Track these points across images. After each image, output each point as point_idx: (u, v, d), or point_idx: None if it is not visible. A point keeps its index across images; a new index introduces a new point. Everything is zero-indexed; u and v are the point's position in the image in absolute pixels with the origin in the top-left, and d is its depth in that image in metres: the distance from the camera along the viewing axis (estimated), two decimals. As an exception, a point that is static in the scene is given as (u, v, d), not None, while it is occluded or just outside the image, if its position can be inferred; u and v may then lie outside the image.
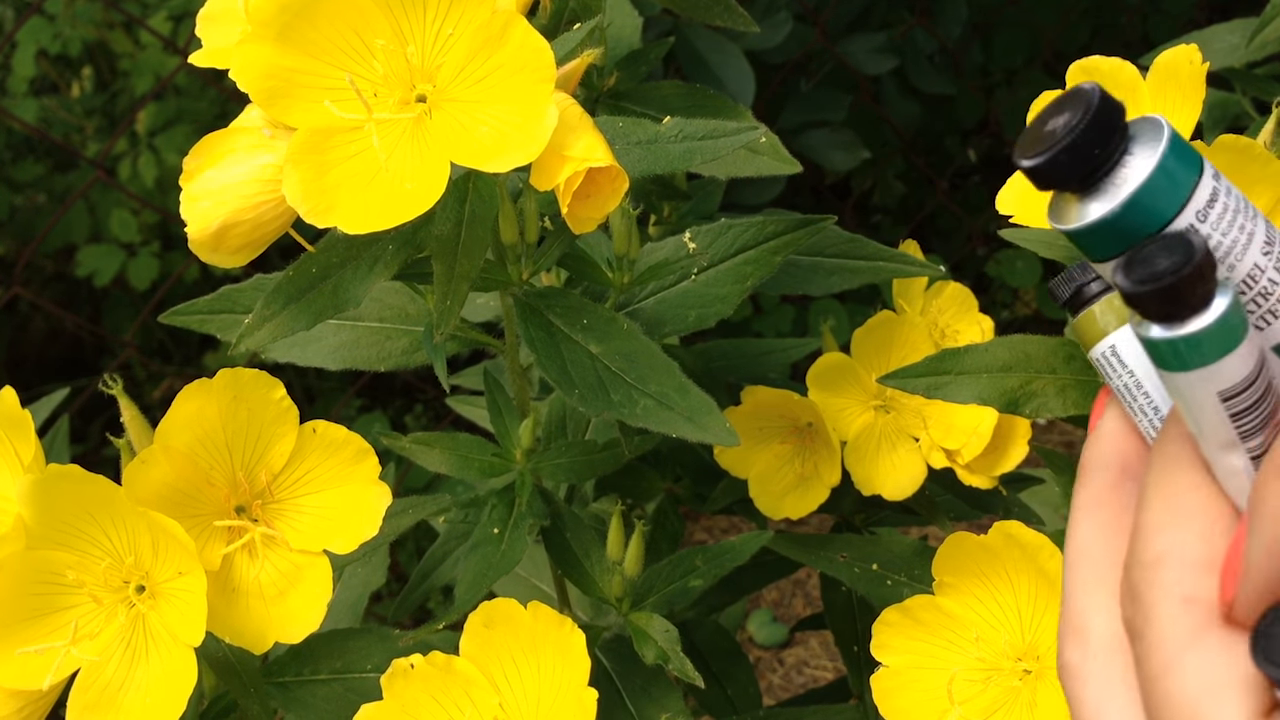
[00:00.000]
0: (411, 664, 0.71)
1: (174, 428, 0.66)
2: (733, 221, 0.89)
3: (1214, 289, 0.34)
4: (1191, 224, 0.35)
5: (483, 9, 0.60)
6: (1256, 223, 0.36)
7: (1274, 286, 0.36)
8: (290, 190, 0.61)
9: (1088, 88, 0.36)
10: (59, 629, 0.64)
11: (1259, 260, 0.36)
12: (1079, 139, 0.35)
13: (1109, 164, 0.36)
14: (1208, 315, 0.34)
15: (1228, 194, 0.36)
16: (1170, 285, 0.34)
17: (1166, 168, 0.35)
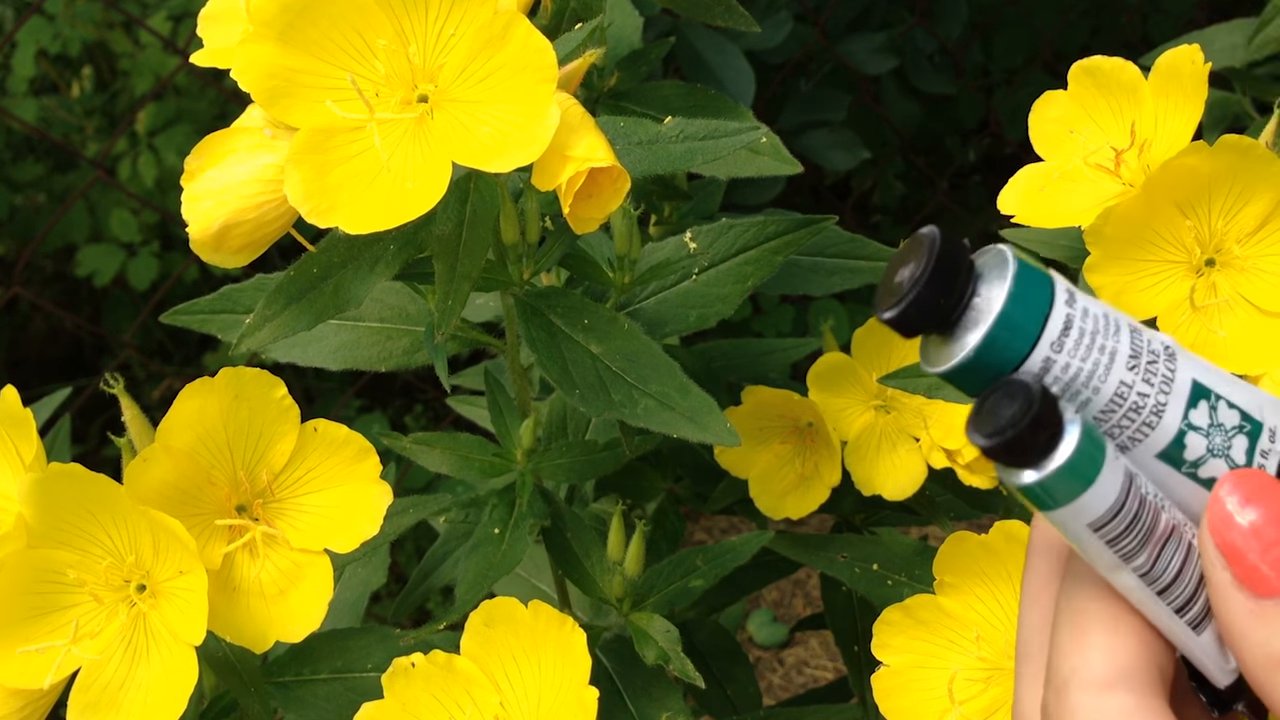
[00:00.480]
0: (412, 663, 0.71)
1: (175, 426, 0.66)
2: (734, 221, 0.89)
3: (1059, 432, 0.35)
4: (1047, 357, 0.35)
5: (484, 9, 0.60)
6: (1119, 338, 0.36)
7: (1144, 399, 0.36)
8: (292, 190, 0.61)
9: (927, 235, 0.36)
10: (60, 628, 0.64)
11: (1124, 377, 0.36)
12: (923, 293, 0.35)
13: (959, 308, 0.36)
14: (1055, 459, 0.35)
15: (1084, 317, 0.36)
16: (1012, 439, 0.34)
17: (1014, 308, 0.35)
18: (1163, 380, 0.36)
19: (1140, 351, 0.36)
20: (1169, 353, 0.37)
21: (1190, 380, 0.37)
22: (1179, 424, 0.36)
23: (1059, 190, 0.76)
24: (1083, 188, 0.75)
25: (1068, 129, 0.77)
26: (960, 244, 0.36)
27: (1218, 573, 0.36)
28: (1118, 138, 0.75)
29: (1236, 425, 0.37)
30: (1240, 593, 0.35)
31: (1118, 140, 0.75)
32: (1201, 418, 0.37)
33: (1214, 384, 0.37)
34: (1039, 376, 0.35)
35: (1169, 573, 0.36)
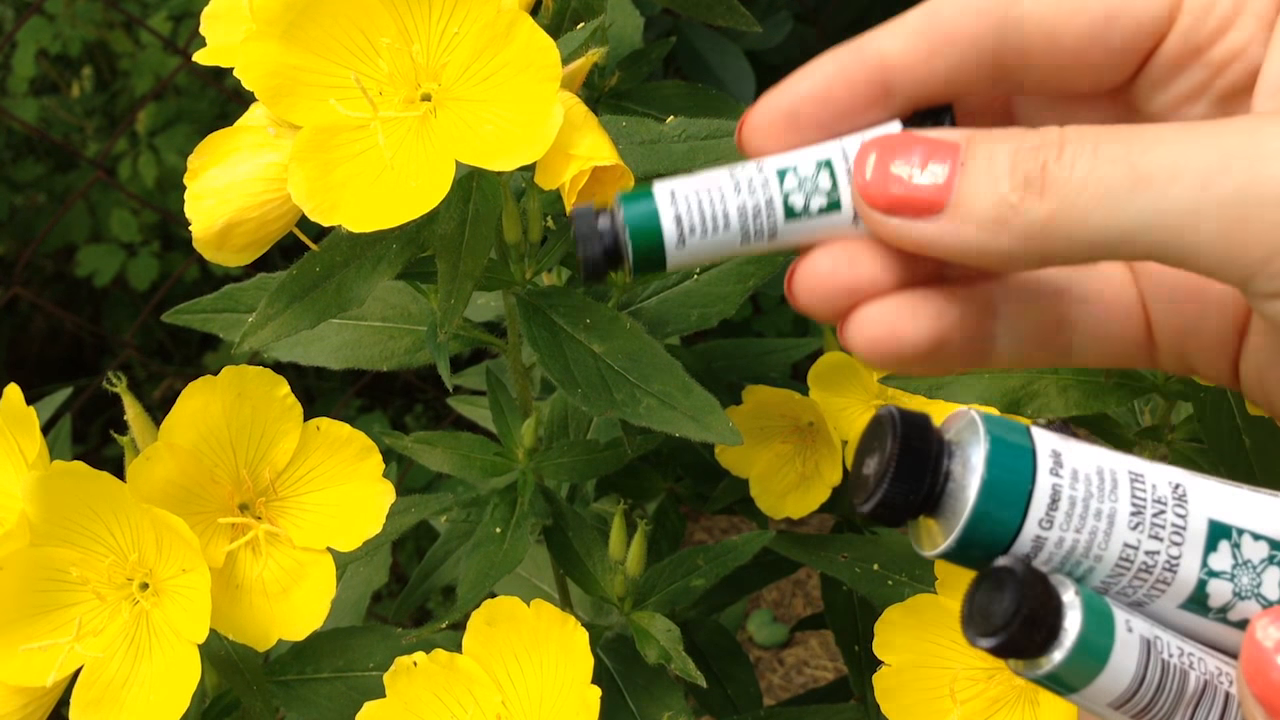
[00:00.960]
0: (414, 662, 0.71)
1: (178, 425, 0.66)
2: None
3: (1057, 623, 0.32)
4: (1037, 536, 0.33)
5: (488, 7, 0.60)
6: (1117, 497, 0.33)
7: (1154, 558, 0.33)
8: (295, 188, 0.61)
9: (887, 421, 0.34)
10: (63, 626, 0.65)
11: (1127, 539, 0.33)
12: (890, 489, 0.33)
13: (932, 498, 0.34)
14: (1058, 651, 0.32)
15: (1074, 483, 0.33)
16: (1007, 640, 0.32)
17: (991, 492, 0.33)
18: (1173, 531, 0.34)
19: (1144, 505, 0.33)
20: (1178, 495, 0.34)
21: (1206, 521, 0.34)
22: (1197, 575, 0.34)
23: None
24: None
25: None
26: (924, 427, 0.34)
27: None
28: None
29: (1266, 557, 0.34)
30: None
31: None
32: (1223, 561, 0.34)
33: (1235, 518, 0.34)
34: (1030, 556, 0.33)
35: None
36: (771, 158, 0.37)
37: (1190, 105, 0.39)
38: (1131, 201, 0.33)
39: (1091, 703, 0.33)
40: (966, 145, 0.35)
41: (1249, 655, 0.33)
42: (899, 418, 0.34)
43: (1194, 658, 0.34)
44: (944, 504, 0.33)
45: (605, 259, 0.37)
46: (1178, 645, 0.34)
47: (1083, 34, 0.38)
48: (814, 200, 0.37)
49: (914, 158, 0.36)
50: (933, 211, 0.35)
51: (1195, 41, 0.38)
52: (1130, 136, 0.34)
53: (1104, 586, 0.34)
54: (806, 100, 0.38)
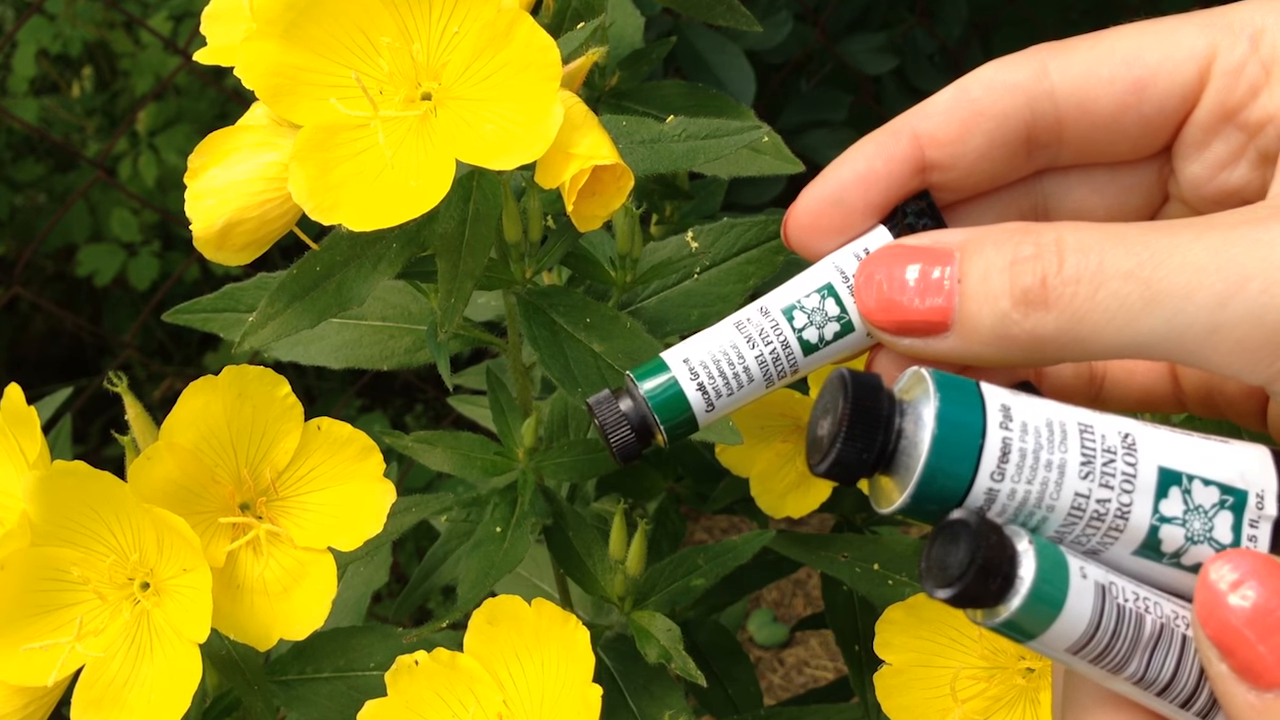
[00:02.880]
0: (416, 660, 0.71)
1: (179, 424, 0.66)
2: (735, 221, 0.89)
3: (1012, 572, 0.33)
4: (989, 488, 0.34)
5: (488, 7, 0.60)
6: (1067, 447, 0.34)
7: (1105, 506, 0.34)
8: (295, 187, 0.61)
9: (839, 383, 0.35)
10: (64, 625, 0.64)
11: (1078, 488, 0.34)
12: (843, 450, 0.34)
13: (885, 457, 0.34)
14: (1013, 600, 0.33)
15: (1024, 435, 0.34)
16: (963, 591, 0.33)
17: (942, 448, 0.33)
18: (1123, 479, 0.34)
19: (1094, 454, 0.34)
20: (1128, 444, 0.34)
21: (1156, 469, 0.34)
22: (1149, 521, 0.34)
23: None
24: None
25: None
26: (875, 387, 0.34)
27: (1215, 665, 0.33)
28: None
29: (1217, 502, 0.35)
30: (1240, 685, 0.33)
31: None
32: (1174, 506, 0.34)
33: (1185, 464, 0.35)
34: (983, 509, 0.34)
35: (1164, 674, 0.34)
36: (771, 297, 0.39)
37: (1230, 168, 0.39)
38: (1145, 319, 0.33)
39: (1049, 649, 0.34)
40: (960, 259, 0.36)
41: (1202, 598, 0.33)
42: (850, 379, 0.34)
43: (1150, 602, 0.34)
44: (898, 461, 0.34)
45: (638, 442, 0.38)
46: (1133, 590, 0.34)
47: (1115, 104, 0.38)
48: (827, 329, 0.38)
49: (911, 281, 0.36)
50: (939, 332, 0.36)
51: (1228, 106, 0.38)
52: (1138, 245, 0.33)
53: (1058, 536, 0.34)
54: (850, 185, 0.39)
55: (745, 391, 0.39)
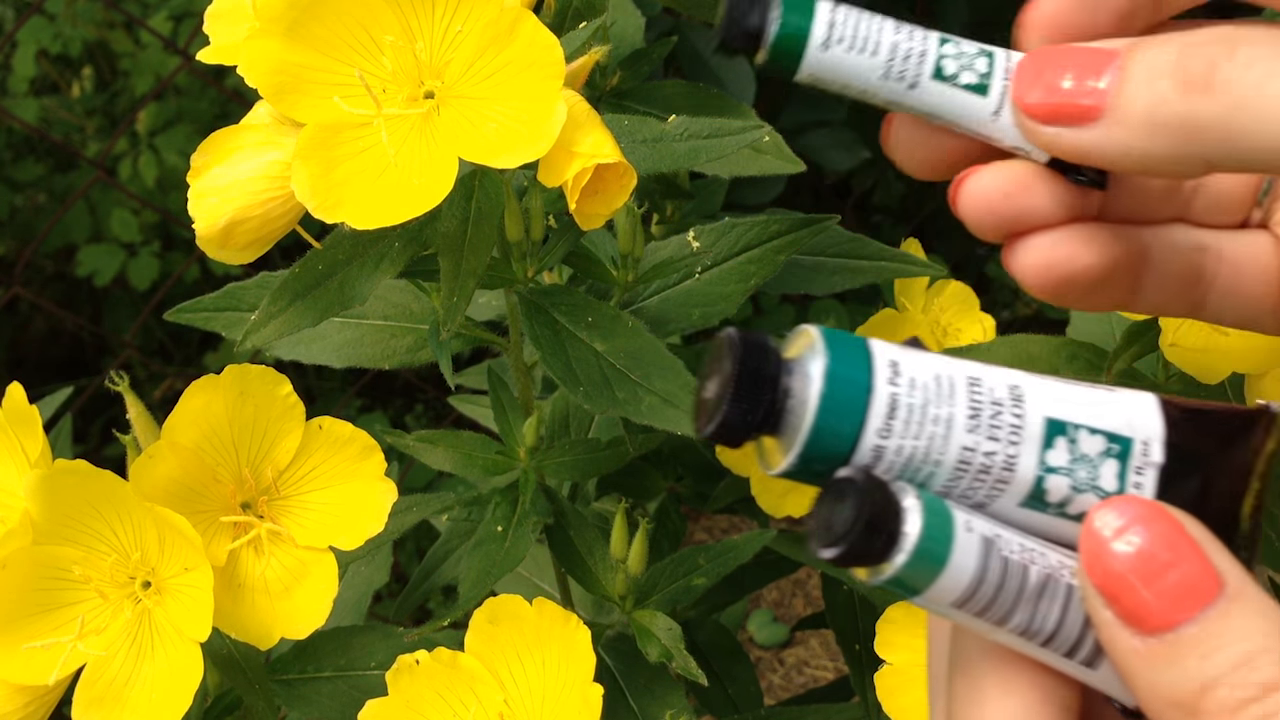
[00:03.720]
0: (417, 660, 0.71)
1: (180, 423, 0.66)
2: (736, 220, 0.89)
3: (897, 528, 0.33)
4: (876, 445, 0.33)
5: (491, 6, 0.60)
6: (954, 401, 0.34)
7: (992, 458, 0.34)
8: (299, 185, 0.61)
9: (726, 343, 0.34)
10: (65, 624, 0.64)
11: (965, 442, 0.34)
12: (729, 411, 0.33)
13: (771, 417, 0.34)
14: (898, 556, 0.33)
15: (911, 390, 0.34)
16: (849, 549, 0.32)
17: (829, 406, 0.33)
18: (1010, 430, 0.34)
19: (981, 407, 0.34)
20: (1015, 395, 0.34)
21: (1042, 420, 0.34)
22: (1035, 472, 0.34)
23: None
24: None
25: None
26: (762, 346, 0.34)
27: (1100, 612, 0.33)
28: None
29: (1102, 451, 0.34)
30: (1125, 631, 0.33)
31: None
32: (1060, 456, 0.34)
33: (1072, 414, 0.35)
34: (870, 466, 0.34)
35: (1049, 625, 0.34)
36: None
37: None
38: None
39: (935, 604, 0.34)
40: (1127, 50, 0.35)
41: (1087, 545, 0.33)
42: (738, 338, 0.34)
43: (1035, 553, 0.34)
44: (785, 421, 0.34)
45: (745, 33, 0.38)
46: (1019, 542, 0.34)
47: None
48: (964, 74, 0.39)
49: (1073, 66, 0.36)
50: (1091, 119, 0.35)
51: None
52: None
53: (945, 490, 0.34)
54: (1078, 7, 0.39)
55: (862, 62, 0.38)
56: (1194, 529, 0.33)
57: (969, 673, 0.36)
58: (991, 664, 0.36)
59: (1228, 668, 0.32)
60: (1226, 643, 0.32)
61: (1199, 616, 0.32)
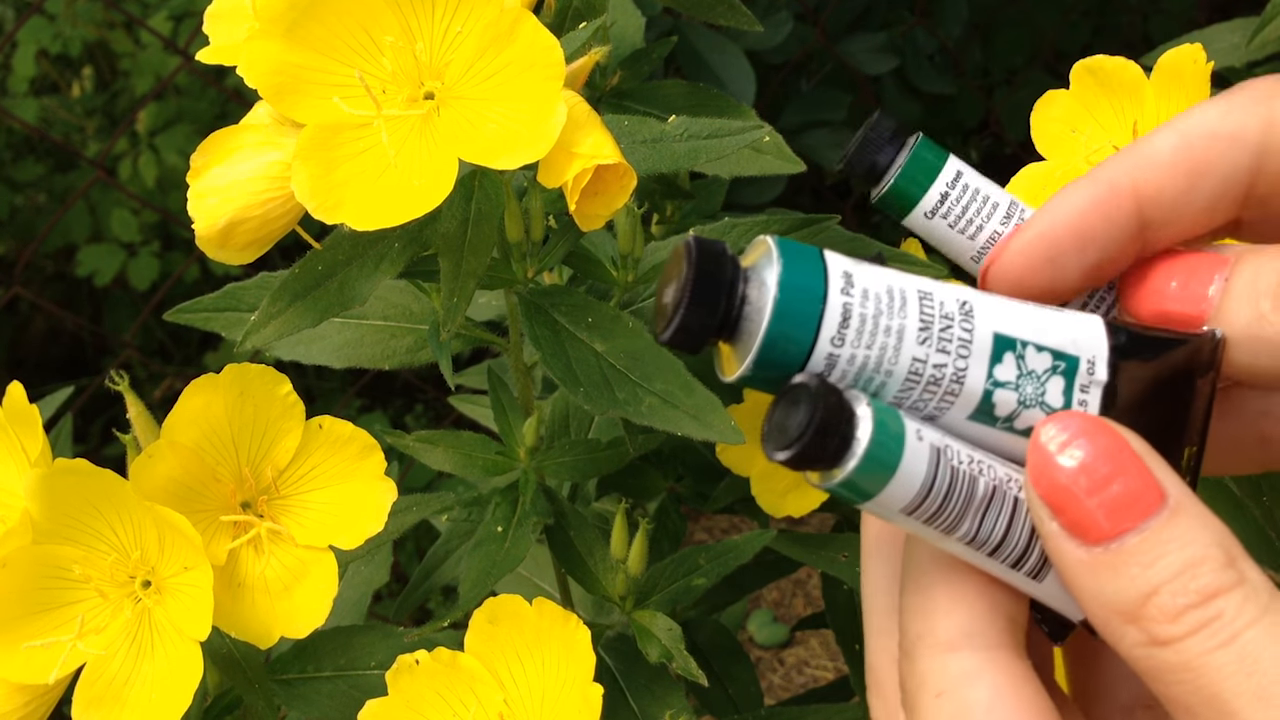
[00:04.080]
0: (417, 660, 0.71)
1: (180, 423, 0.66)
2: (736, 220, 0.89)
3: (850, 433, 0.33)
4: (830, 353, 0.34)
5: (491, 6, 0.60)
6: (906, 313, 0.34)
7: (941, 370, 0.35)
8: (298, 186, 0.61)
9: (684, 248, 0.34)
10: (65, 623, 0.65)
11: (916, 353, 0.34)
12: (687, 315, 0.34)
13: (728, 323, 0.34)
14: (850, 460, 0.33)
15: (864, 300, 0.34)
16: (801, 451, 0.33)
17: (783, 312, 0.34)
18: (959, 344, 0.35)
19: (931, 320, 0.34)
20: (965, 310, 0.35)
21: (991, 334, 0.35)
22: (983, 385, 0.35)
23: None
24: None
25: (1070, 128, 0.78)
26: (719, 254, 0.34)
27: (1046, 524, 0.34)
28: (1120, 136, 0.75)
29: (1049, 368, 0.36)
30: (1070, 542, 0.34)
31: (1120, 139, 0.75)
32: (1008, 371, 0.35)
33: (1020, 330, 0.35)
34: (824, 374, 0.34)
35: (995, 535, 0.35)
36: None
37: None
38: None
39: (884, 509, 0.34)
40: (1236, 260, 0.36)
41: (1033, 459, 0.34)
42: (695, 245, 0.34)
43: (983, 465, 0.35)
44: (741, 328, 0.34)
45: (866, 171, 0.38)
46: (967, 453, 0.35)
47: None
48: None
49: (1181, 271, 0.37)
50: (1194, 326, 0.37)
51: None
52: None
53: (897, 401, 0.35)
54: (1065, 242, 0.38)
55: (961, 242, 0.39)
56: (1137, 444, 0.34)
57: (919, 584, 0.37)
58: (942, 574, 0.36)
59: (1169, 575, 0.33)
60: (1168, 551, 0.33)
61: (1141, 527, 0.33)
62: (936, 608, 0.36)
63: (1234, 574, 0.33)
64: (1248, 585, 0.33)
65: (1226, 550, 0.33)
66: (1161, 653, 0.33)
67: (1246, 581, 0.33)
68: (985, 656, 0.35)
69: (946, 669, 0.36)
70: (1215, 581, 0.33)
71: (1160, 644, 0.33)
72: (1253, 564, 0.33)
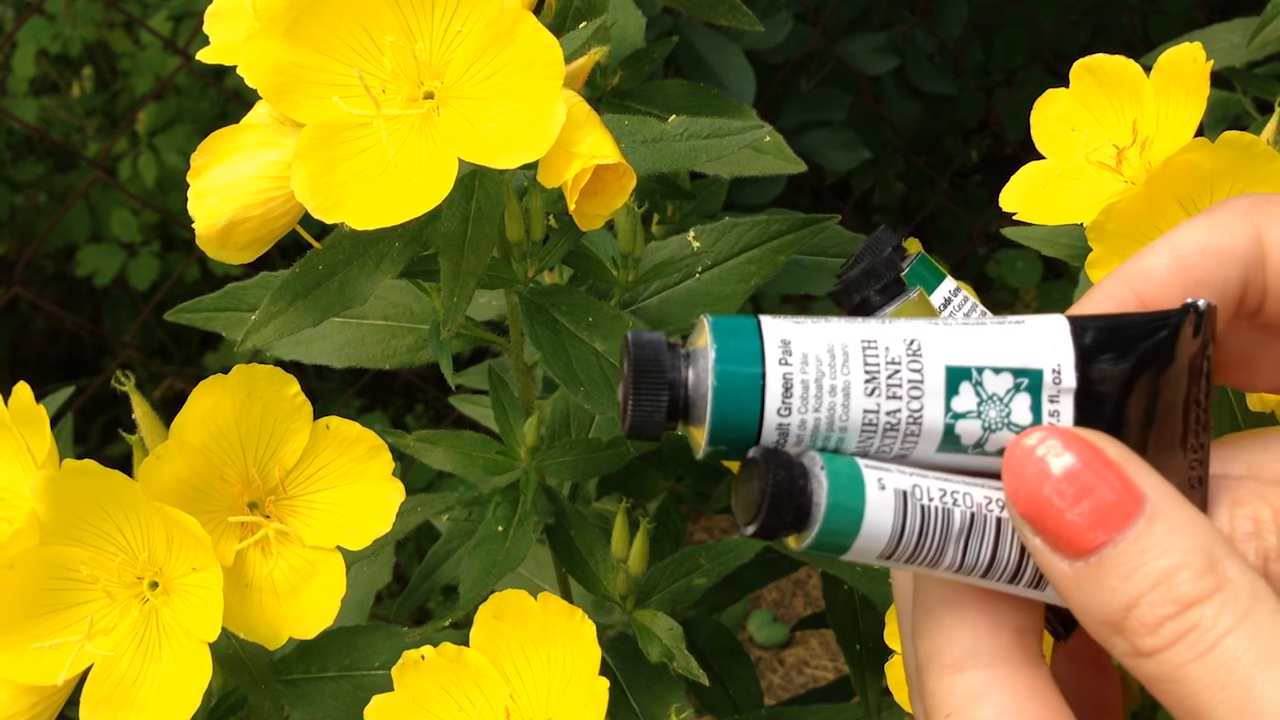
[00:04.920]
0: (422, 655, 0.71)
1: (188, 423, 0.66)
2: (736, 220, 0.89)
3: (806, 499, 0.34)
4: (779, 424, 0.34)
5: (491, 6, 0.61)
6: (849, 368, 0.34)
7: (896, 416, 0.35)
8: (299, 185, 0.61)
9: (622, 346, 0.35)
10: (73, 624, 0.64)
11: (866, 405, 0.34)
12: (635, 412, 0.35)
13: (679, 407, 0.35)
14: (812, 524, 0.34)
15: (804, 366, 0.34)
16: (764, 524, 0.34)
17: (725, 395, 0.34)
18: (910, 386, 0.35)
19: (876, 370, 0.34)
20: (913, 350, 0.35)
21: (943, 369, 0.35)
22: (943, 420, 0.35)
23: (1061, 187, 0.76)
24: (1084, 185, 0.76)
25: (1070, 127, 0.78)
26: (655, 345, 0.35)
27: (1031, 541, 0.34)
28: (1120, 135, 0.75)
29: (1011, 387, 0.35)
30: (1055, 556, 0.34)
31: (1120, 138, 0.75)
32: (967, 401, 0.35)
33: (973, 358, 0.35)
34: (779, 443, 0.35)
35: (983, 559, 0.35)
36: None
37: None
38: None
39: (862, 559, 0.35)
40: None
41: (1008, 479, 0.35)
42: (631, 341, 0.35)
43: (958, 495, 0.35)
44: (694, 411, 0.35)
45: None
46: (939, 487, 0.35)
47: None
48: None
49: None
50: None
51: None
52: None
53: (861, 450, 0.35)
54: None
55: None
56: (1112, 449, 0.34)
57: (924, 607, 0.37)
58: (944, 596, 0.37)
59: (1147, 586, 0.33)
60: (1145, 561, 0.33)
61: (1118, 538, 0.33)
62: (940, 629, 0.36)
63: (1212, 580, 0.32)
64: (1227, 590, 0.32)
65: (1207, 554, 0.33)
66: (1146, 664, 0.33)
67: (1226, 586, 0.32)
68: (990, 674, 0.36)
69: (953, 690, 0.36)
70: (1192, 590, 0.32)
71: (1144, 655, 0.33)
72: (1237, 562, 0.33)
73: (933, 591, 0.37)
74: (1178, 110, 0.73)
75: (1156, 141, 0.74)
